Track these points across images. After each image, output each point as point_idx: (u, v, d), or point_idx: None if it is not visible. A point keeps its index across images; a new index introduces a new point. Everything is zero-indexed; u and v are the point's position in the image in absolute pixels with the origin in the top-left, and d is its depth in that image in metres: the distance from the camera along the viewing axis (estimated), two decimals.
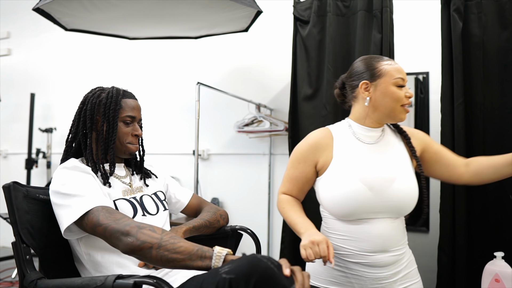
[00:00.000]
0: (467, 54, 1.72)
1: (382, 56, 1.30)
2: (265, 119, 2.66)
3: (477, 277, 1.52)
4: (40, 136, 3.61)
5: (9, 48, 4.04)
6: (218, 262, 0.88)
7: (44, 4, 2.02)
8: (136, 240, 0.92)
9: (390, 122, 1.30)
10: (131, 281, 0.83)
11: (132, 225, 0.95)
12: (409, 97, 1.23)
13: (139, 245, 0.92)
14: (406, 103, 1.23)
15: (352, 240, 1.22)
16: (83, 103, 1.21)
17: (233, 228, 1.39)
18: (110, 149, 1.18)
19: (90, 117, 1.18)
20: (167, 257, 0.90)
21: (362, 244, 1.20)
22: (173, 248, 0.91)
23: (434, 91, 2.42)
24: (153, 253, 0.91)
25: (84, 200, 1.01)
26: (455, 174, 1.32)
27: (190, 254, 0.90)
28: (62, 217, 1.02)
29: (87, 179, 1.07)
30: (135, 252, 0.93)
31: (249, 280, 0.75)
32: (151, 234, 0.93)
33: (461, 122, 1.68)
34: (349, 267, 1.22)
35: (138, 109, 1.25)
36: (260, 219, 2.89)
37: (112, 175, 1.19)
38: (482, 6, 1.72)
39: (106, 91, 1.22)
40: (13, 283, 2.84)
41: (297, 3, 2.13)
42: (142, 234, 0.93)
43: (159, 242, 0.91)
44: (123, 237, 0.94)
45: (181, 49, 3.22)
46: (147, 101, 3.25)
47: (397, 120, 1.26)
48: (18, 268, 1.00)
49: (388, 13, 1.85)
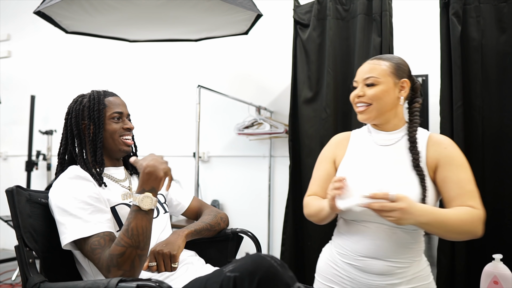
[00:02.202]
0: (466, 58, 1.74)
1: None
2: (265, 121, 2.67)
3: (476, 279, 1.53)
4: (40, 138, 3.62)
5: (9, 50, 4.04)
6: (154, 202, 0.98)
7: (45, 7, 2.03)
8: (121, 269, 0.93)
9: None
10: (133, 284, 0.83)
11: (106, 259, 0.95)
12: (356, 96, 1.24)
13: (130, 266, 0.93)
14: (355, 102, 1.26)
15: (349, 241, 1.23)
16: (67, 113, 1.23)
17: (233, 231, 1.40)
18: (98, 148, 1.18)
19: (76, 124, 1.19)
20: (147, 238, 0.97)
21: (356, 246, 1.21)
22: (141, 234, 0.95)
23: (433, 94, 2.42)
24: (141, 253, 0.95)
25: (84, 226, 1.01)
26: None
27: (147, 219, 0.97)
28: (62, 234, 1.02)
29: (88, 194, 1.07)
30: (134, 271, 0.95)
31: (253, 277, 0.76)
32: (123, 256, 0.93)
33: (460, 125, 1.69)
34: (344, 268, 1.23)
35: (123, 105, 1.27)
36: (260, 221, 2.89)
37: (104, 174, 1.19)
38: (481, 10, 1.73)
39: (87, 95, 1.24)
40: (13, 285, 2.84)
41: (297, 6, 2.14)
42: (120, 261, 0.93)
43: (131, 246, 0.94)
44: (115, 273, 0.93)
45: (182, 52, 3.23)
46: (148, 104, 3.28)
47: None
48: (21, 271, 1.01)
49: (387, 17, 1.86)
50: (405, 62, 1.27)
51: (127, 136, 1.25)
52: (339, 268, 1.24)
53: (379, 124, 1.28)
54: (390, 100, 1.22)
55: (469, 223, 1.09)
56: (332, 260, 1.27)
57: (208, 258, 1.33)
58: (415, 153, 1.18)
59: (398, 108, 1.25)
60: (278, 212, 2.81)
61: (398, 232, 1.17)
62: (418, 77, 2.49)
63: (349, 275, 1.21)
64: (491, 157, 1.70)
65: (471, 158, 1.70)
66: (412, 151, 1.19)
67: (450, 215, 1.08)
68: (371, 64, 1.25)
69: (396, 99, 1.23)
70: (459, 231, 1.09)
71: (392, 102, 1.22)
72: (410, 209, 1.02)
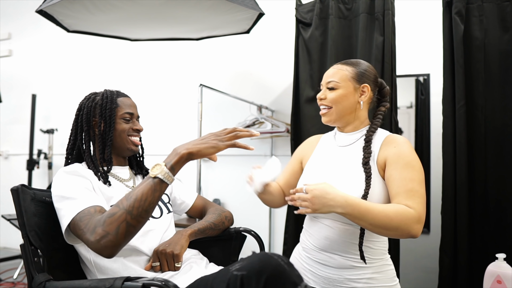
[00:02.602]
0: (469, 57, 1.74)
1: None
2: (266, 120, 2.67)
3: (478, 279, 1.54)
4: (41, 137, 3.62)
5: (10, 49, 4.04)
6: (171, 178, 0.96)
7: (47, 6, 2.02)
8: (109, 235, 0.89)
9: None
10: (139, 284, 0.84)
11: (96, 228, 0.91)
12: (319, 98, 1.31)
13: (115, 234, 0.89)
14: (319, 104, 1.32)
15: (309, 235, 1.30)
16: (79, 109, 1.24)
17: (237, 229, 1.41)
18: (107, 146, 1.19)
19: (87, 121, 1.20)
20: (145, 210, 0.92)
21: (312, 240, 1.28)
22: (139, 201, 0.91)
23: (435, 93, 2.43)
24: (133, 223, 0.91)
25: (75, 203, 1.01)
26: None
27: (153, 189, 0.93)
28: (61, 219, 1.02)
29: (81, 183, 1.08)
30: (119, 243, 0.90)
31: (260, 276, 0.76)
32: (114, 217, 0.90)
33: (463, 124, 1.69)
34: (307, 261, 1.29)
35: (134, 106, 1.28)
36: (262, 220, 2.90)
37: (110, 173, 1.20)
38: (484, 9, 1.73)
39: (100, 93, 1.25)
40: (15, 283, 2.85)
41: (299, 5, 2.14)
42: (109, 226, 0.89)
43: (126, 211, 0.91)
44: (98, 246, 0.89)
45: (183, 51, 3.23)
46: (149, 103, 3.27)
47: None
48: (27, 270, 1.01)
49: (390, 16, 1.86)
50: (370, 69, 1.32)
51: (136, 136, 1.26)
52: (303, 262, 1.31)
53: (341, 126, 1.35)
54: (349, 104, 1.27)
55: (398, 220, 1.06)
56: (299, 255, 1.35)
57: (211, 257, 1.33)
58: (366, 152, 1.22)
59: (359, 112, 1.30)
60: (279, 211, 2.81)
61: (350, 228, 1.20)
62: (419, 76, 2.52)
63: (311, 268, 1.27)
64: (493, 157, 1.70)
65: (474, 157, 1.71)
66: (364, 150, 1.23)
67: (375, 209, 1.08)
68: (335, 68, 1.31)
69: (356, 103, 1.28)
70: (385, 226, 1.07)
71: (351, 106, 1.28)
72: (321, 199, 1.08)
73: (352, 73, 1.27)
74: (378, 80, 1.33)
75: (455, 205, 1.69)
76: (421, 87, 2.51)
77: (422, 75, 2.49)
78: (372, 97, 1.32)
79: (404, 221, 1.07)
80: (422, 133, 2.49)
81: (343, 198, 1.08)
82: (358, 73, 1.28)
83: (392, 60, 1.84)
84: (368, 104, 1.32)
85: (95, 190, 1.10)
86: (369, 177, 1.17)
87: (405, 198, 1.11)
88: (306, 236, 1.32)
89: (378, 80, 1.33)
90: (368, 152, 1.21)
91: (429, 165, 2.43)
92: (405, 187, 1.12)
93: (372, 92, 1.31)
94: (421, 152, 2.49)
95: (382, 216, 1.07)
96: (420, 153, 2.50)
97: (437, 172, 2.32)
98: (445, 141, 1.74)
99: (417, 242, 2.35)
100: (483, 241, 1.69)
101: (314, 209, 1.09)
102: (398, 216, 1.07)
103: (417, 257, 2.35)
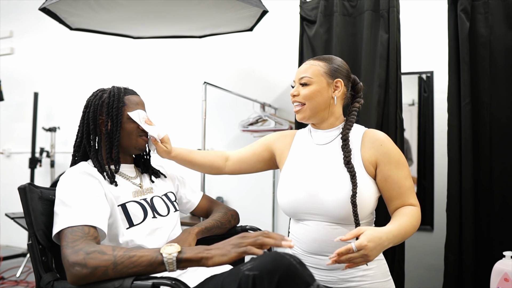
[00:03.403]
0: (474, 54, 1.73)
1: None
2: (269, 118, 2.66)
3: (485, 277, 1.54)
4: (43, 135, 3.62)
5: (12, 47, 4.03)
6: (172, 267, 0.86)
7: (51, 4, 2.02)
8: (85, 268, 0.85)
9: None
10: (149, 282, 0.83)
11: (80, 252, 0.88)
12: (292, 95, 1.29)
13: (91, 272, 0.85)
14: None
15: (296, 240, 1.27)
16: (86, 107, 1.22)
17: (243, 228, 1.41)
18: (114, 146, 1.18)
19: (93, 119, 1.19)
20: (128, 272, 0.86)
21: (300, 244, 1.25)
22: (131, 262, 0.86)
23: (439, 90, 2.43)
24: (111, 274, 0.86)
25: (72, 214, 0.98)
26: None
27: (150, 262, 0.86)
28: (54, 225, 1.00)
29: (88, 187, 1.05)
30: (88, 279, 0.86)
31: (272, 276, 0.75)
32: (101, 256, 0.87)
33: (468, 122, 1.68)
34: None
35: (142, 104, 1.27)
36: (265, 218, 2.90)
37: (118, 172, 1.19)
38: (489, 6, 1.72)
39: (108, 91, 1.23)
40: (18, 282, 2.85)
41: (303, 3, 2.13)
42: (91, 260, 0.86)
43: (114, 261, 0.86)
44: (70, 268, 0.86)
45: (186, 48, 3.22)
46: (153, 101, 3.26)
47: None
48: (35, 269, 1.01)
49: (395, 13, 1.85)
50: (343, 64, 1.31)
51: (144, 136, 1.25)
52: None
53: (315, 123, 1.32)
54: (322, 100, 1.25)
55: (416, 223, 1.16)
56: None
57: None
58: (346, 151, 1.20)
59: (334, 107, 1.28)
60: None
61: (340, 228, 1.19)
62: (422, 74, 2.52)
63: None
64: (499, 154, 1.70)
65: (479, 155, 1.71)
66: (344, 149, 1.22)
67: (406, 226, 1.12)
68: (307, 64, 1.29)
69: (329, 98, 1.26)
70: (412, 233, 1.15)
71: (325, 102, 1.26)
72: (378, 248, 1.01)
73: (324, 68, 1.26)
74: (351, 76, 1.32)
75: (460, 202, 1.69)
76: (424, 84, 2.50)
77: (426, 73, 2.48)
78: (346, 93, 1.31)
79: (418, 221, 1.18)
80: (426, 130, 2.49)
81: (390, 234, 1.06)
82: (331, 68, 1.26)
83: (397, 57, 1.83)
84: (342, 100, 1.30)
85: (104, 187, 1.09)
86: (354, 176, 1.16)
87: (408, 197, 1.20)
88: (294, 241, 1.28)
89: (351, 75, 1.32)
90: (348, 151, 1.20)
91: (433, 162, 2.42)
92: (404, 187, 1.19)
93: (346, 88, 1.29)
94: (424, 149, 2.49)
95: (410, 228, 1.13)
96: (424, 150, 2.50)
97: (441, 169, 2.32)
98: (450, 139, 1.73)
99: (421, 240, 2.36)
100: (488, 239, 1.69)
101: (369, 259, 1.01)
102: (416, 220, 1.16)
103: (421, 255, 2.35)
